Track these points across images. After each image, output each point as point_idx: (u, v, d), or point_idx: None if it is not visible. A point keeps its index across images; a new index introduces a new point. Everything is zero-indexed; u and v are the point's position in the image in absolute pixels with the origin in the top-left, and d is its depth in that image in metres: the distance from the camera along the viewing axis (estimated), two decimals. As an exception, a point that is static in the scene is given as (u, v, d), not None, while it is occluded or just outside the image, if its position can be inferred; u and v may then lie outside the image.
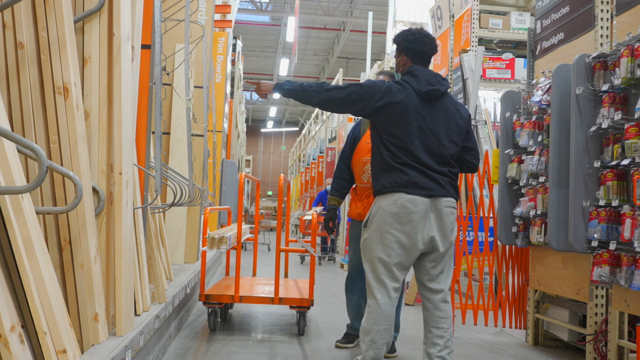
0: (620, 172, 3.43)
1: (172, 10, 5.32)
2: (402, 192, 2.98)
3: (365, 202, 3.98)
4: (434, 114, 3.09)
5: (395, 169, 3.01)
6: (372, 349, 3.00)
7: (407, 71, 3.19)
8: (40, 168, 1.77)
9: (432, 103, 3.10)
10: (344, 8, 19.42)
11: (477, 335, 4.84)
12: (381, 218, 3.01)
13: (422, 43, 3.19)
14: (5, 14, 2.40)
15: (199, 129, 6.10)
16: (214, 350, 3.94)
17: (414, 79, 3.11)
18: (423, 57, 3.22)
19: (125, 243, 2.80)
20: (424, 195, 2.98)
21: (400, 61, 3.25)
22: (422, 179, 3.00)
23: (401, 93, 3.05)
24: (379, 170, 3.08)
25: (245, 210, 23.10)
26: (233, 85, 13.53)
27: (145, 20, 3.45)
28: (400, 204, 2.97)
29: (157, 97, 3.58)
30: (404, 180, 2.98)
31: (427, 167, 3.02)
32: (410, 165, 3.00)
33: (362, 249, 3.12)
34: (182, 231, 6.11)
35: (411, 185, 2.98)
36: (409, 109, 3.04)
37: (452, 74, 7.50)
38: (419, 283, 3.15)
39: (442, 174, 3.06)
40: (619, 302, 3.44)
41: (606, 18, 3.91)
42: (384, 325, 3.01)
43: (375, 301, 3.01)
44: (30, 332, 2.03)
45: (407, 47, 3.20)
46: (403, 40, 3.21)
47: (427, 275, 3.10)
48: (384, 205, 3.01)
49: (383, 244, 3.00)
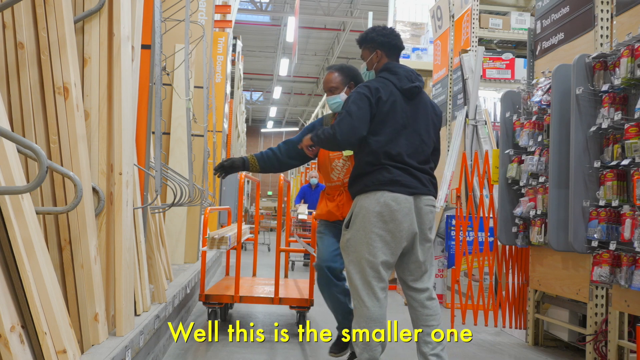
0: (620, 172, 3.43)
1: (172, 10, 5.32)
2: (385, 190, 2.93)
3: (337, 200, 3.69)
4: (414, 111, 3.06)
5: (378, 168, 2.96)
6: (367, 351, 2.95)
7: (384, 68, 3.12)
8: (40, 168, 1.77)
9: (412, 100, 3.07)
10: (344, 8, 19.41)
11: (477, 335, 4.84)
12: (364, 217, 2.95)
13: (396, 37, 3.15)
14: (5, 14, 2.40)
15: (199, 129, 6.10)
16: (214, 350, 3.94)
17: (394, 75, 3.06)
18: (397, 52, 3.17)
19: (125, 243, 2.80)
20: (406, 194, 2.95)
21: (373, 58, 3.18)
22: (405, 177, 2.97)
23: (386, 90, 3.01)
24: (361, 170, 3.02)
25: (245, 210, 23.09)
26: (233, 85, 13.53)
27: (145, 21, 3.45)
28: (384, 202, 2.92)
29: (157, 97, 3.58)
30: (387, 178, 2.94)
31: (409, 166, 2.99)
32: (394, 164, 2.97)
33: (345, 250, 3.05)
34: (182, 231, 6.11)
35: (394, 184, 2.94)
36: (396, 106, 3.00)
37: (452, 74, 7.50)
38: (403, 284, 3.10)
39: (423, 172, 3.03)
40: (619, 302, 3.44)
41: (606, 18, 3.91)
42: (375, 327, 2.95)
43: (362, 303, 2.95)
44: (30, 332, 2.03)
45: (383, 42, 3.13)
46: (378, 35, 3.15)
47: (411, 275, 3.06)
48: (366, 204, 2.96)
49: (367, 244, 2.94)
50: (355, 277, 2.99)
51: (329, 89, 3.61)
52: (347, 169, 3.58)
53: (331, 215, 3.67)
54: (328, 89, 3.62)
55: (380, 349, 2.98)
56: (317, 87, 27.70)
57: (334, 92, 3.60)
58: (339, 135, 2.93)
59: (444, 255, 6.46)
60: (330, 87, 3.60)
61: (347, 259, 3.03)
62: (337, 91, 3.59)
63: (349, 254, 3.02)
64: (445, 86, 7.71)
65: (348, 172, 3.56)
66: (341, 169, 3.62)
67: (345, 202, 3.59)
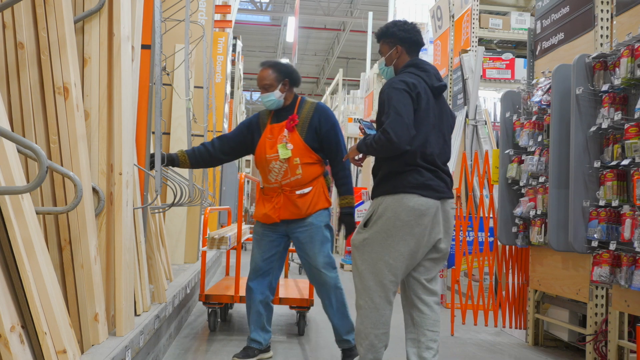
0: (620, 172, 3.43)
1: (172, 10, 5.31)
2: (415, 193, 2.83)
3: (274, 202, 3.52)
4: (440, 111, 2.98)
5: (411, 169, 2.85)
6: (371, 352, 2.90)
7: (411, 64, 3.00)
8: (40, 168, 1.77)
9: (438, 99, 2.99)
10: (344, 8, 19.41)
11: (477, 336, 4.84)
12: (390, 220, 2.84)
13: (417, 32, 3.05)
14: (5, 14, 2.40)
15: (199, 129, 6.10)
16: (214, 350, 3.94)
17: (424, 72, 2.95)
18: (418, 48, 3.07)
19: (125, 243, 2.79)
20: (435, 198, 2.87)
21: (393, 53, 3.05)
22: (435, 181, 2.88)
23: (421, 87, 2.88)
24: (392, 169, 2.89)
25: (245, 210, 23.07)
26: (233, 85, 13.53)
27: (145, 21, 3.44)
28: (413, 206, 2.82)
29: (157, 97, 3.58)
30: (419, 181, 2.84)
31: (438, 168, 2.91)
32: (427, 166, 2.87)
33: (359, 248, 2.93)
34: (182, 231, 6.11)
35: (425, 187, 2.85)
36: (429, 104, 2.90)
37: (452, 74, 7.50)
38: (417, 284, 2.98)
39: (447, 174, 2.97)
40: (619, 302, 3.44)
41: (606, 18, 3.91)
42: (383, 329, 2.90)
43: (371, 304, 2.88)
44: (30, 332, 2.03)
45: (404, 37, 3.02)
46: (399, 30, 3.03)
47: (427, 274, 2.98)
48: (394, 206, 2.84)
49: (390, 247, 2.85)
50: (368, 278, 2.90)
51: (262, 86, 3.53)
52: (285, 171, 3.48)
53: (268, 218, 3.55)
54: (262, 87, 3.54)
55: (383, 350, 2.95)
56: (317, 87, 27.70)
57: (269, 89, 3.53)
58: (396, 138, 2.74)
59: (444, 255, 6.45)
60: (265, 85, 3.53)
61: (361, 258, 2.92)
62: (271, 89, 3.53)
63: (363, 253, 2.91)
64: (445, 86, 7.71)
65: (285, 175, 3.48)
66: (279, 171, 3.50)
67: (283, 205, 3.50)
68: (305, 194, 3.49)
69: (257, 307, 3.66)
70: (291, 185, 3.50)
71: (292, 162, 3.46)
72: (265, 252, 3.61)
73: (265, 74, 3.55)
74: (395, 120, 2.77)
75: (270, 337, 3.73)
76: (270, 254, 3.62)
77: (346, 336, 3.58)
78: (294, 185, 3.49)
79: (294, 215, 3.51)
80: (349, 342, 3.59)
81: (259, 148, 3.57)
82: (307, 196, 3.49)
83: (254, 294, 3.65)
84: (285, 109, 3.60)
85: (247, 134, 3.69)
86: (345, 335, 3.59)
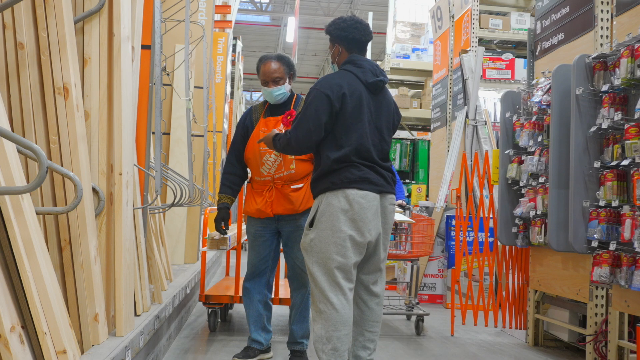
0: (620, 172, 3.43)
1: (172, 10, 5.32)
2: (354, 187, 2.83)
3: (265, 196, 3.50)
4: (378, 106, 2.98)
5: (347, 165, 2.86)
6: (335, 357, 2.79)
7: (348, 60, 3.01)
8: (40, 168, 1.77)
9: (376, 95, 2.99)
10: (344, 8, 19.42)
11: (477, 336, 4.84)
12: (332, 216, 2.82)
13: (355, 30, 3.00)
14: (5, 14, 2.40)
15: (199, 129, 6.10)
16: (214, 350, 3.94)
17: (359, 68, 2.96)
18: (358, 45, 3.03)
19: (125, 243, 2.80)
20: (375, 192, 2.87)
21: (334, 52, 3.07)
22: (373, 175, 2.88)
23: (350, 85, 2.89)
24: (328, 167, 2.88)
25: (245, 210, 23.04)
26: (233, 85, 13.52)
27: (145, 21, 3.45)
28: (353, 199, 2.81)
29: (157, 97, 3.58)
30: (356, 176, 2.84)
31: (375, 163, 2.92)
32: (363, 161, 2.88)
33: (308, 250, 2.88)
34: (182, 231, 6.11)
35: (363, 181, 2.84)
36: (362, 101, 2.91)
37: (452, 74, 7.51)
38: (360, 285, 2.98)
39: (386, 169, 2.96)
40: (619, 302, 3.44)
41: (606, 18, 3.92)
42: (344, 330, 2.80)
43: (330, 306, 2.79)
44: (30, 333, 2.04)
45: (340, 36, 3.02)
46: (335, 29, 3.03)
47: (370, 276, 2.99)
48: (334, 202, 2.82)
49: (336, 244, 2.80)
50: (320, 279, 2.83)
51: (273, 79, 3.50)
52: (279, 165, 3.46)
53: (261, 213, 3.53)
54: (272, 80, 3.50)
55: (347, 355, 2.86)
56: (317, 88, 27.66)
57: (279, 82, 3.51)
58: (294, 142, 2.90)
59: (444, 255, 6.46)
60: (275, 78, 3.50)
61: (311, 260, 2.87)
62: (282, 82, 3.51)
63: (312, 255, 2.86)
64: (445, 86, 7.72)
65: (279, 168, 3.46)
66: (272, 164, 3.48)
67: (275, 199, 3.48)
68: (298, 189, 3.49)
69: (257, 307, 3.66)
70: (284, 180, 3.48)
71: (286, 156, 3.45)
72: (260, 253, 3.63)
73: (275, 67, 3.52)
74: (300, 124, 2.89)
75: (271, 337, 3.73)
76: (265, 253, 3.63)
77: (300, 339, 3.64)
78: (286, 180, 3.48)
79: (288, 210, 3.48)
80: (302, 345, 3.64)
81: (252, 142, 3.56)
82: (300, 191, 3.48)
83: (252, 294, 3.66)
84: (281, 104, 3.60)
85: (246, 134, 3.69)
86: (300, 338, 3.64)
